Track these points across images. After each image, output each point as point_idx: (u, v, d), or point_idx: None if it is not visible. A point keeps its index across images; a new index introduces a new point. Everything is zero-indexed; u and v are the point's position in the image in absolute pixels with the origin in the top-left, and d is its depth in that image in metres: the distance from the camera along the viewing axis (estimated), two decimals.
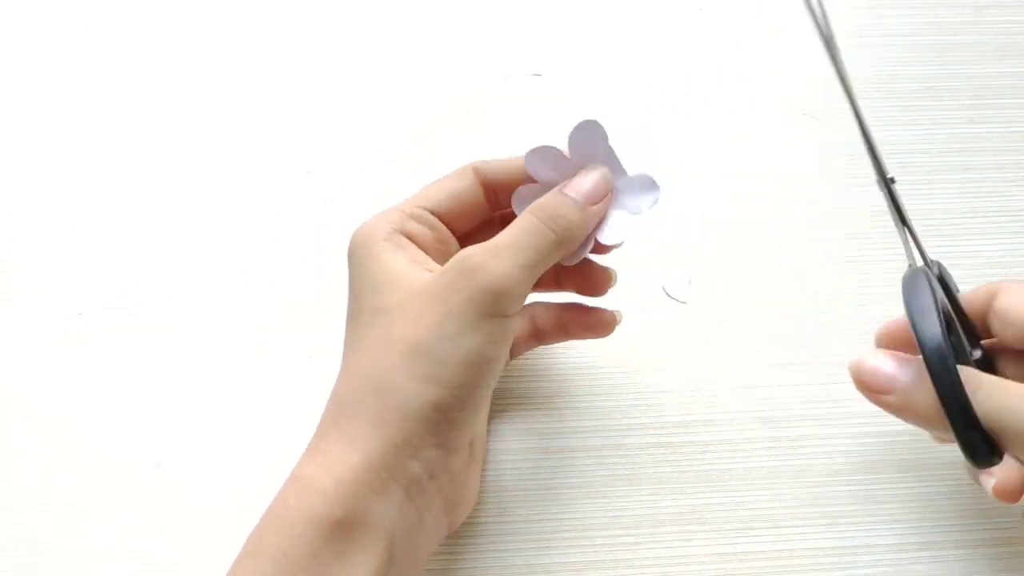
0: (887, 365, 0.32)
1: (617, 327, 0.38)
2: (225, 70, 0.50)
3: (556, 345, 0.41)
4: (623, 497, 0.38)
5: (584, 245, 0.35)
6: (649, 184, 0.35)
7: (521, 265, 0.31)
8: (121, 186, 0.46)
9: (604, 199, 0.34)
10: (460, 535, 0.37)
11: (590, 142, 0.35)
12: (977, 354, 0.34)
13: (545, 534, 0.38)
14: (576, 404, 0.40)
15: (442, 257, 0.35)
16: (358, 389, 0.31)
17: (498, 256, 0.31)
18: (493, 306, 0.31)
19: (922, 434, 0.39)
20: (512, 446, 0.40)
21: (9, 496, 0.39)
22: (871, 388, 0.32)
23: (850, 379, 0.39)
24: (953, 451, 0.39)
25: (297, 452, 0.39)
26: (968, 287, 0.43)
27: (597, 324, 0.38)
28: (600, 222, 0.35)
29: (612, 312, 0.38)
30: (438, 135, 0.48)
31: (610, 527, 0.38)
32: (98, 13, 0.51)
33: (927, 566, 0.37)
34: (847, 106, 0.49)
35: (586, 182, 0.34)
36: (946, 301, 0.33)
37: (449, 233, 0.36)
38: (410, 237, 0.34)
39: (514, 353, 0.39)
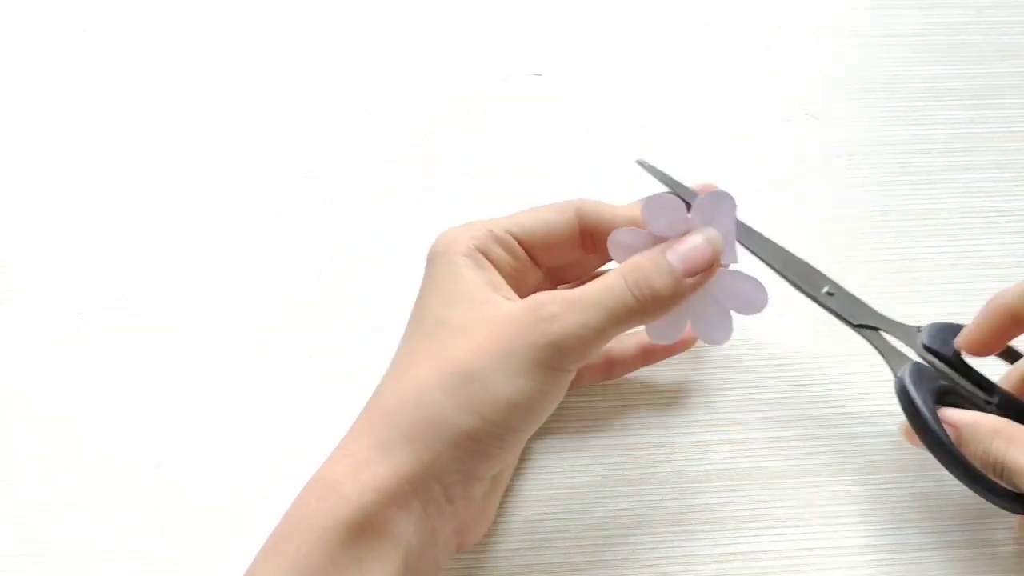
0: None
1: None
2: (225, 70, 0.50)
3: None
4: (623, 497, 0.38)
5: (675, 327, 0.34)
6: (757, 288, 0.33)
7: (594, 327, 0.30)
8: (121, 186, 0.46)
9: (705, 272, 0.32)
10: None
11: (715, 213, 0.32)
12: (995, 399, 0.35)
13: (545, 534, 0.38)
14: (576, 404, 0.40)
15: (516, 284, 0.34)
16: (400, 398, 0.31)
17: (573, 312, 0.30)
18: (554, 360, 0.30)
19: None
20: None
21: (9, 496, 0.39)
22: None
23: (851, 379, 0.40)
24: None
25: (297, 452, 0.39)
26: (969, 287, 0.43)
27: (683, 343, 0.37)
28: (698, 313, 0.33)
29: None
30: (438, 135, 0.48)
31: (610, 527, 0.38)
32: (98, 13, 0.51)
33: (926, 566, 0.37)
34: (847, 106, 0.49)
35: (689, 246, 0.32)
36: (942, 367, 0.36)
37: (530, 262, 0.35)
38: (489, 258, 0.34)
39: (577, 383, 0.38)
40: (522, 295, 0.33)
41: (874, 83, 0.50)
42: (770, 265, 0.37)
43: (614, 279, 0.31)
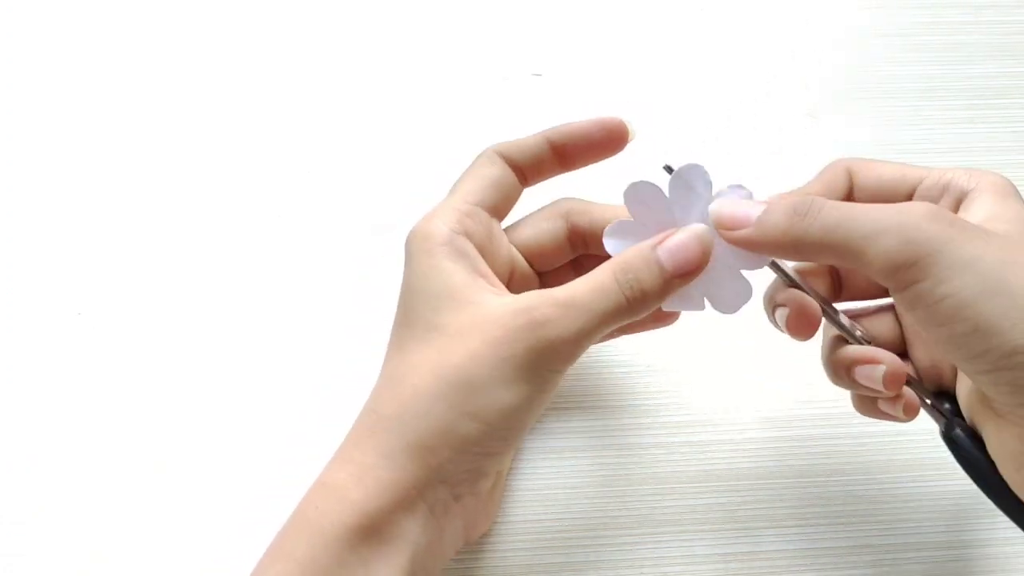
0: (741, 206, 0.31)
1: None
2: (225, 70, 0.50)
3: None
4: (623, 497, 0.38)
5: (689, 300, 0.33)
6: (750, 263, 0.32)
7: (588, 329, 0.31)
8: (121, 186, 0.46)
9: (694, 272, 0.31)
10: None
11: (690, 191, 0.32)
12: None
13: (545, 534, 0.38)
14: (576, 404, 0.40)
15: (491, 255, 0.34)
16: (400, 405, 0.31)
17: (567, 315, 0.30)
18: (550, 363, 0.31)
19: (921, 434, 0.39)
20: None
21: (9, 496, 0.39)
22: (729, 225, 0.31)
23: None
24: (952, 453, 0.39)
25: (298, 452, 0.39)
26: None
27: (662, 317, 0.37)
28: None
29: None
30: (438, 135, 0.48)
31: (610, 527, 0.38)
32: (98, 13, 0.51)
33: (926, 566, 0.37)
34: (847, 106, 0.49)
35: (678, 244, 0.31)
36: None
37: (493, 223, 0.35)
38: (468, 235, 0.34)
39: None
40: (496, 267, 0.34)
41: (874, 83, 0.50)
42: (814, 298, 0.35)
43: (606, 279, 0.31)
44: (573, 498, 0.38)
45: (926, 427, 0.40)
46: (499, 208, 0.36)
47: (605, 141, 0.36)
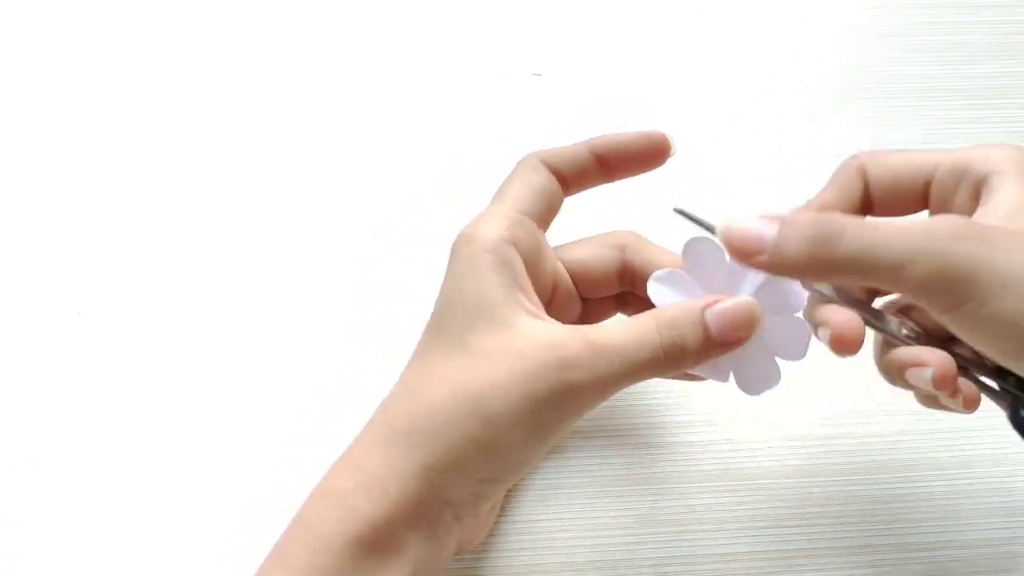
0: (753, 225, 0.29)
1: None
2: (225, 70, 0.50)
3: None
4: (623, 497, 0.38)
5: (717, 371, 0.32)
6: (802, 332, 0.32)
7: (618, 377, 0.30)
8: (121, 186, 0.46)
9: (736, 344, 0.31)
10: None
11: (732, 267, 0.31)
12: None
13: (545, 534, 0.38)
14: None
15: (534, 267, 0.33)
16: (415, 420, 0.30)
17: (599, 359, 0.29)
18: (572, 406, 0.30)
19: (922, 435, 0.39)
20: None
21: (9, 497, 0.39)
22: (744, 252, 0.29)
23: (850, 378, 0.39)
24: (952, 453, 0.39)
25: (298, 452, 0.39)
26: None
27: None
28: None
29: None
30: (438, 135, 0.48)
31: (610, 527, 0.38)
32: (98, 13, 0.51)
33: (926, 566, 0.37)
34: (847, 106, 0.49)
35: (729, 313, 0.30)
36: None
37: (541, 235, 0.34)
38: (515, 243, 0.32)
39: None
40: (539, 282, 0.33)
41: (874, 83, 0.50)
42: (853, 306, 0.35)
43: (648, 333, 0.30)
44: (573, 498, 0.38)
45: (926, 427, 0.40)
46: (544, 217, 0.34)
47: (648, 154, 0.35)
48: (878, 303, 0.34)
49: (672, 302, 0.31)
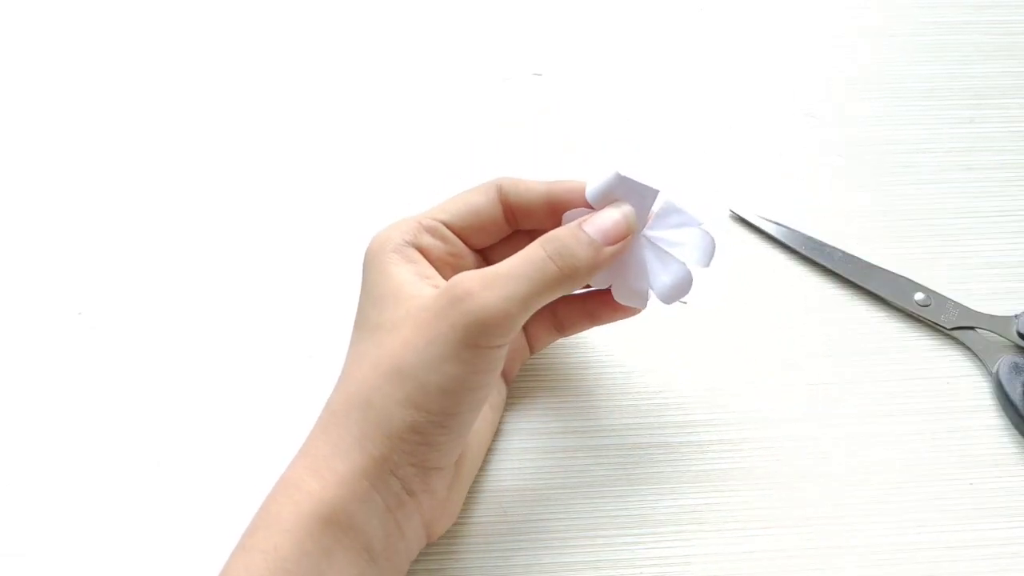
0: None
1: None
2: (225, 70, 0.50)
3: (554, 346, 0.41)
4: (623, 497, 0.38)
5: (635, 292, 0.35)
6: (706, 240, 0.34)
7: (515, 298, 0.31)
8: (121, 186, 0.46)
9: (623, 241, 0.33)
10: (460, 535, 0.37)
11: (638, 188, 0.33)
12: None
13: (545, 534, 0.38)
14: (576, 404, 0.40)
15: (454, 271, 0.35)
16: (346, 402, 0.32)
17: (491, 286, 0.31)
18: (479, 337, 0.30)
19: (921, 434, 0.39)
20: (512, 446, 0.39)
21: (9, 496, 0.39)
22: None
23: (851, 380, 0.39)
24: (952, 453, 0.39)
25: (296, 452, 0.39)
26: (969, 287, 0.43)
27: (629, 308, 0.37)
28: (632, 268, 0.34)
29: None
30: (438, 135, 0.48)
31: (610, 527, 0.38)
32: (98, 13, 0.51)
33: (925, 566, 0.37)
34: (847, 106, 0.49)
35: (607, 220, 0.33)
36: None
37: (464, 247, 0.36)
38: (422, 250, 0.34)
39: (535, 348, 0.39)
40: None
41: (874, 83, 0.50)
42: (851, 281, 0.36)
43: (533, 251, 0.32)
44: (573, 498, 0.38)
45: (926, 427, 0.40)
46: (470, 235, 0.36)
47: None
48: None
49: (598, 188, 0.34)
